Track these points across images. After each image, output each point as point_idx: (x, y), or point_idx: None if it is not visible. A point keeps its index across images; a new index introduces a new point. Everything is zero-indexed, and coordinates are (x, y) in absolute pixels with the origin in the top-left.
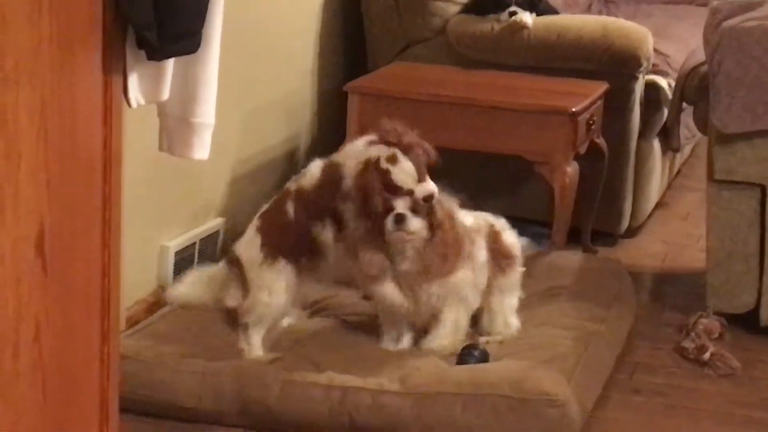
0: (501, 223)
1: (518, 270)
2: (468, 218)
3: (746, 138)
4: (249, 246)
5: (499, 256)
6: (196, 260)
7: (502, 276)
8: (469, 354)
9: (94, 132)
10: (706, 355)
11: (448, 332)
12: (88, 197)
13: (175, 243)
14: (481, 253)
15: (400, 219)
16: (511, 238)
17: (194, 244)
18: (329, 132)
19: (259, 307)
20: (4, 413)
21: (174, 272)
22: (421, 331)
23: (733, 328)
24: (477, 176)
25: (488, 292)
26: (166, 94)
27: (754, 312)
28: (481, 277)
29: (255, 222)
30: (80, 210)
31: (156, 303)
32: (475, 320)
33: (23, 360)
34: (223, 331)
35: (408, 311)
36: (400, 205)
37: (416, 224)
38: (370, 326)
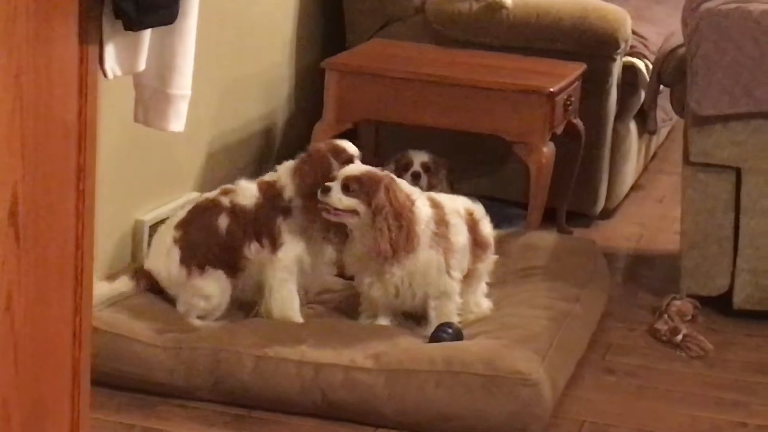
0: (479, 212)
1: (491, 258)
2: (447, 201)
3: (723, 121)
4: (165, 261)
5: (475, 244)
6: None
7: (476, 263)
8: (442, 332)
9: (70, 102)
10: (679, 337)
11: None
12: (62, 167)
13: (150, 217)
14: (461, 237)
15: (324, 190)
16: (487, 227)
17: (168, 218)
18: (306, 108)
19: (195, 310)
20: None
21: (149, 246)
22: (408, 317)
23: (706, 311)
24: (454, 155)
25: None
26: (142, 65)
27: (728, 295)
28: (461, 260)
29: (170, 233)
30: (54, 180)
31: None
32: None
33: None
34: None
35: (384, 299)
36: (333, 185)
37: (343, 200)
38: (346, 302)
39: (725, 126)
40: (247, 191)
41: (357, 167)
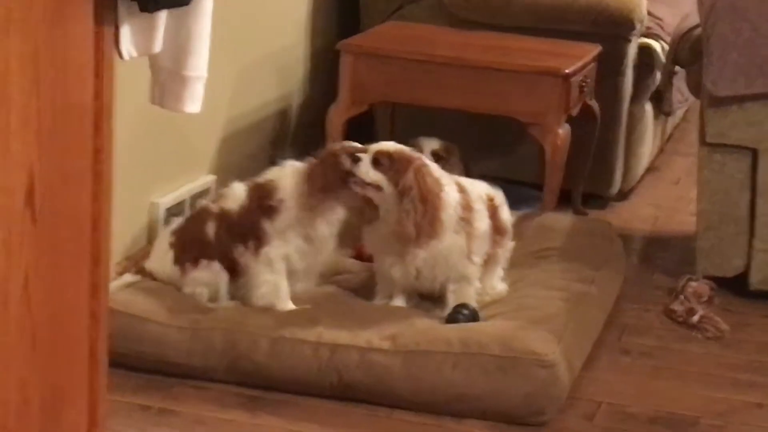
0: (499, 198)
1: (509, 244)
2: (470, 186)
3: (738, 101)
4: (161, 261)
5: (494, 230)
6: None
7: (495, 248)
8: (459, 313)
9: (86, 84)
10: (695, 318)
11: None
12: (78, 149)
13: (166, 200)
14: (483, 223)
15: (355, 160)
16: (506, 213)
17: (184, 201)
18: (321, 90)
19: (202, 298)
20: None
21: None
22: (425, 299)
23: (722, 292)
24: (469, 137)
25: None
26: (158, 47)
27: (744, 276)
28: (482, 245)
29: (167, 238)
30: (71, 162)
31: (145, 259)
32: None
33: (12, 310)
34: None
35: (404, 280)
36: (363, 156)
37: (370, 173)
38: (362, 284)
39: (741, 106)
40: (236, 195)
41: (390, 144)
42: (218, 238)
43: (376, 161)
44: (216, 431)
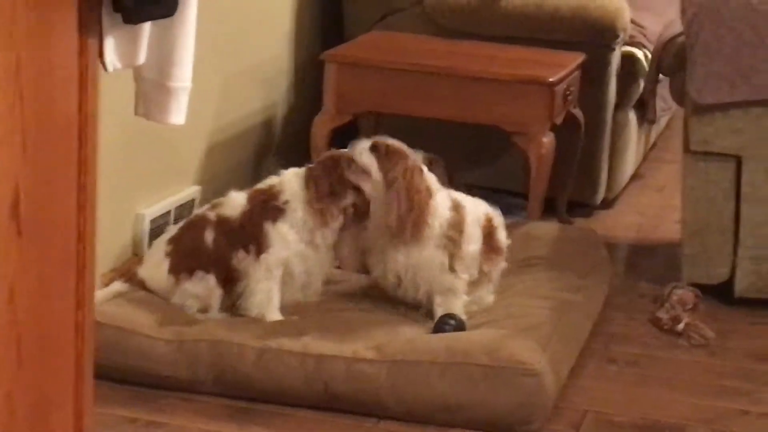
0: (498, 219)
1: (502, 265)
2: (470, 206)
3: (722, 109)
4: (156, 271)
5: (490, 250)
6: None
7: (489, 267)
8: (445, 323)
9: (70, 96)
10: (681, 326)
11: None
12: (63, 161)
13: (151, 211)
14: (471, 247)
15: (354, 144)
16: (503, 234)
17: (169, 212)
18: (306, 100)
19: (192, 310)
20: None
21: (150, 241)
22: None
23: (708, 299)
24: (454, 147)
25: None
26: (142, 58)
27: (729, 283)
28: (470, 266)
29: (162, 247)
30: (56, 174)
31: (131, 271)
32: None
33: None
34: None
35: (384, 282)
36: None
37: (364, 155)
38: (348, 293)
39: (725, 114)
40: (235, 202)
41: (395, 140)
42: (217, 245)
43: (374, 147)
44: None
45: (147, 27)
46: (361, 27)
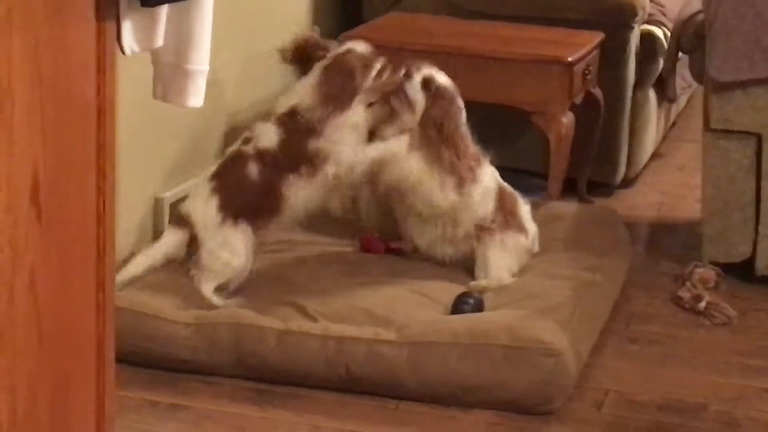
0: (526, 207)
1: (529, 245)
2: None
3: (742, 86)
4: (203, 206)
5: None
6: None
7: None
8: (464, 303)
9: (88, 79)
10: (702, 305)
11: (489, 273)
12: (82, 145)
13: (169, 195)
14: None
15: (407, 75)
16: (522, 210)
17: (188, 195)
18: None
19: (216, 264)
20: (0, 360)
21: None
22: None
23: (729, 278)
24: (473, 127)
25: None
26: (160, 41)
27: (750, 261)
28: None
29: (207, 183)
30: (75, 157)
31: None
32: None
33: (19, 307)
34: None
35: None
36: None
37: (419, 95)
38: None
39: (745, 92)
40: (267, 133)
41: (442, 74)
42: (263, 177)
43: (426, 82)
44: (225, 425)
45: (164, 10)
46: (379, 8)
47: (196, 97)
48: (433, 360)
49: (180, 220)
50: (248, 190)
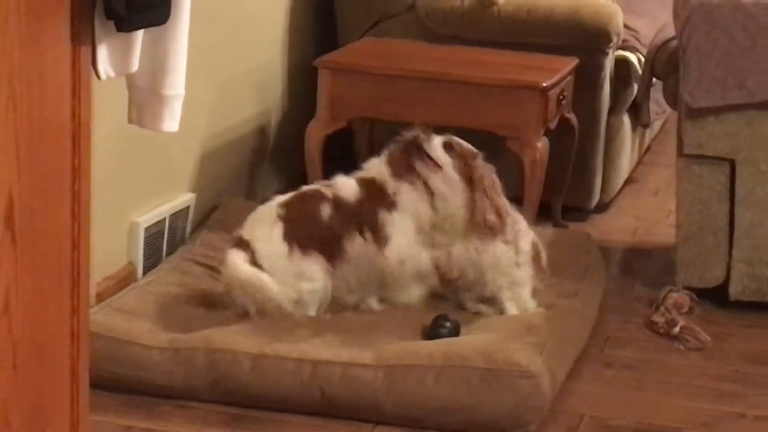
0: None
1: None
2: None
3: (716, 112)
4: (268, 233)
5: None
6: (165, 236)
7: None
8: (441, 327)
9: (63, 104)
10: (676, 329)
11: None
12: (57, 169)
13: (145, 218)
14: (526, 240)
15: (426, 137)
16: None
17: (164, 219)
18: (300, 107)
19: (301, 294)
20: None
21: (144, 248)
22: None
23: (703, 302)
24: None
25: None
26: (135, 66)
27: (724, 286)
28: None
29: (274, 209)
30: (50, 182)
31: (126, 279)
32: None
33: None
34: (194, 306)
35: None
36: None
37: (440, 152)
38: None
39: (718, 118)
40: (348, 186)
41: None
42: (332, 221)
43: (448, 145)
44: None
45: (140, 35)
46: (355, 33)
47: (172, 121)
48: (409, 383)
49: (239, 242)
50: (315, 227)
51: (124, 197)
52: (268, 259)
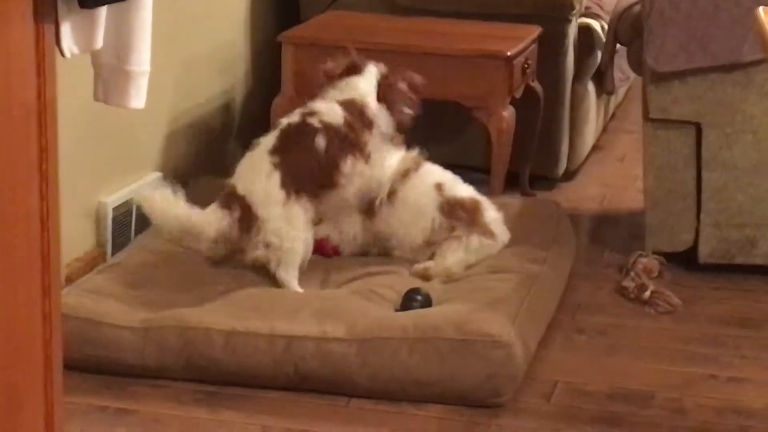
0: (494, 215)
1: (497, 249)
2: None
3: (680, 76)
4: (265, 183)
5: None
6: (134, 216)
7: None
8: (412, 299)
9: (28, 83)
10: (647, 294)
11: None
12: (24, 149)
13: (113, 199)
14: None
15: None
16: (498, 226)
17: (132, 199)
18: (264, 83)
19: (286, 242)
20: None
21: (112, 229)
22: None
23: (673, 267)
24: (414, 124)
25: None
26: (99, 43)
27: (693, 249)
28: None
29: (267, 158)
30: (17, 162)
31: (95, 260)
32: None
33: None
34: (164, 285)
35: None
36: None
37: None
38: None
39: (683, 81)
40: (332, 110)
41: None
42: (329, 151)
43: None
44: (174, 428)
45: (103, 11)
46: (316, 8)
47: (138, 98)
48: (382, 356)
49: (230, 198)
50: (313, 162)
51: (91, 178)
52: (265, 209)
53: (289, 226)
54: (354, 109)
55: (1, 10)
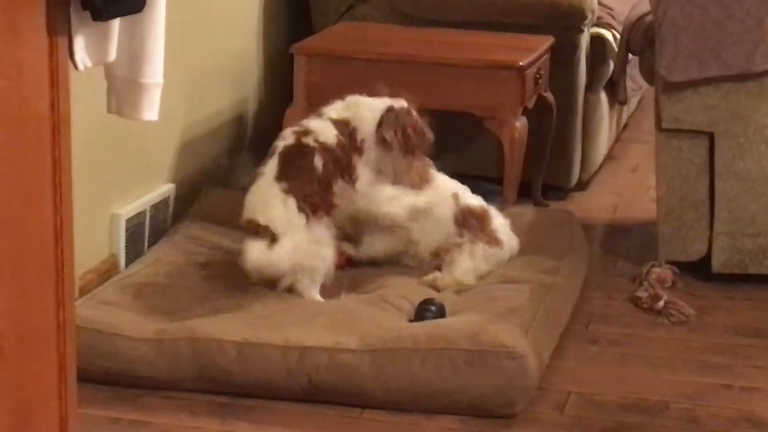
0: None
1: (504, 257)
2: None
3: (693, 86)
4: (281, 211)
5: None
6: (147, 228)
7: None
8: (426, 309)
9: (42, 96)
10: (660, 304)
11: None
12: (37, 161)
13: (126, 210)
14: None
15: None
16: (504, 232)
17: (144, 211)
18: (277, 94)
19: (316, 261)
20: None
21: (126, 241)
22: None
23: (686, 276)
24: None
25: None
26: (112, 55)
27: (706, 259)
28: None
29: (276, 185)
30: (30, 174)
31: (108, 272)
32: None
33: None
34: (177, 297)
35: None
36: None
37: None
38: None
39: (695, 91)
40: (326, 129)
41: None
42: (325, 171)
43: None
44: None
45: (116, 24)
46: (329, 18)
47: (151, 110)
48: (395, 367)
49: (256, 229)
50: (314, 183)
51: (104, 190)
52: (288, 234)
53: (317, 247)
54: (345, 130)
55: (15, 23)
